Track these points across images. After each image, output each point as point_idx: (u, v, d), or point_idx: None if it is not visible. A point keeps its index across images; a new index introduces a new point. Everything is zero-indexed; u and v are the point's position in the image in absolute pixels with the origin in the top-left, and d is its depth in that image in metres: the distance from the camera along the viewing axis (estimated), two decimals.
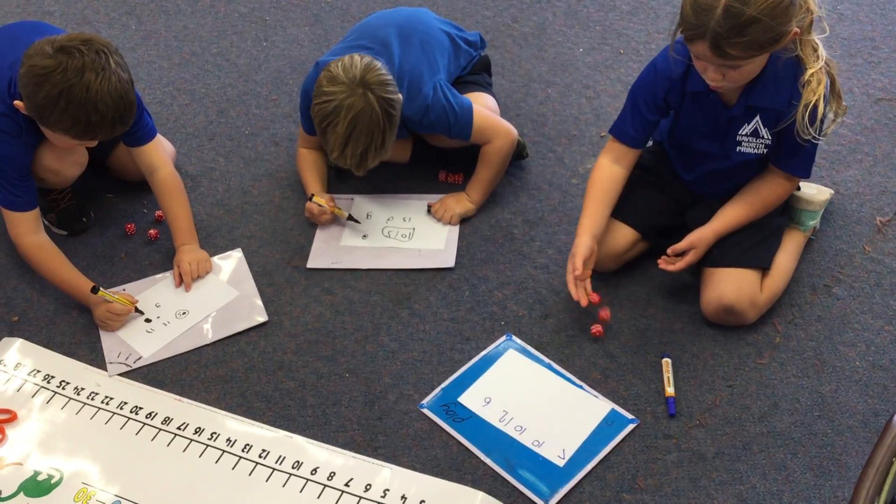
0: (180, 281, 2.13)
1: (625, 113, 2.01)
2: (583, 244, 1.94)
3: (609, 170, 2.02)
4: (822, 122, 1.84)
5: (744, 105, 1.87)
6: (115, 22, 3.05)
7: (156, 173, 2.19)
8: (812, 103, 1.79)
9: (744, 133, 1.91)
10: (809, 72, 1.78)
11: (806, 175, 1.96)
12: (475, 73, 2.42)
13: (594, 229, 1.97)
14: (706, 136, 1.98)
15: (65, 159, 2.09)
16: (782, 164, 1.94)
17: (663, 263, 1.96)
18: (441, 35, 2.30)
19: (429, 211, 2.28)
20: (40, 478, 1.76)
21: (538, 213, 2.29)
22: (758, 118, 1.88)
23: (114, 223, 2.32)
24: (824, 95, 1.80)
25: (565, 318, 2.02)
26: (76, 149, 2.08)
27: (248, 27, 3.01)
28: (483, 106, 2.30)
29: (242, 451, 1.79)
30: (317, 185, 2.29)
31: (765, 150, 1.91)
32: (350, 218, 2.26)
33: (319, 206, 2.22)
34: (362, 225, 2.27)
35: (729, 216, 1.98)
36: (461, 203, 2.27)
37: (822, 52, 1.79)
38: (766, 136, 1.89)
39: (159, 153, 2.21)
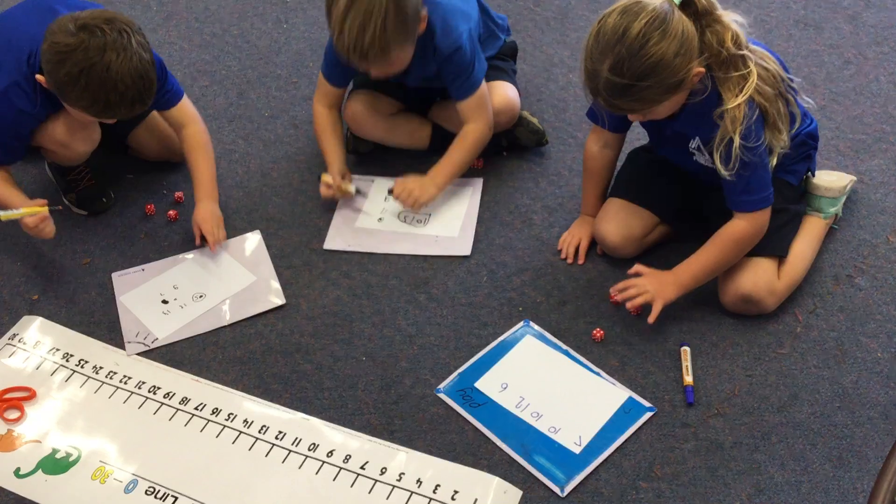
0: (201, 240, 2.14)
1: None
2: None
3: (596, 157, 2.11)
4: (739, 159, 1.74)
5: (671, 129, 1.87)
6: (137, 2, 3.05)
7: (184, 129, 2.19)
8: (727, 139, 1.73)
9: (693, 147, 1.89)
10: (722, 108, 1.72)
11: (751, 209, 1.84)
12: (502, 59, 2.41)
13: (592, 211, 2.15)
14: (662, 144, 2.00)
15: (76, 134, 2.09)
16: (729, 202, 1.86)
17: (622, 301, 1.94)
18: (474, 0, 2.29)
19: (390, 193, 2.25)
20: (59, 455, 1.77)
21: (558, 199, 2.28)
22: (697, 137, 1.86)
23: (133, 203, 2.32)
24: (746, 129, 1.72)
25: (584, 305, 2.01)
26: (88, 125, 2.09)
27: (268, 9, 3.01)
28: (504, 96, 2.29)
29: (259, 432, 1.80)
30: (334, 156, 2.27)
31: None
32: (358, 192, 2.26)
33: (328, 185, 2.23)
34: (376, 206, 2.26)
35: (693, 262, 1.90)
36: (425, 189, 2.21)
37: (750, 85, 1.70)
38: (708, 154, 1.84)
39: (188, 110, 2.20)
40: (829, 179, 2.08)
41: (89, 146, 2.16)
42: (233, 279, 2.11)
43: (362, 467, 1.73)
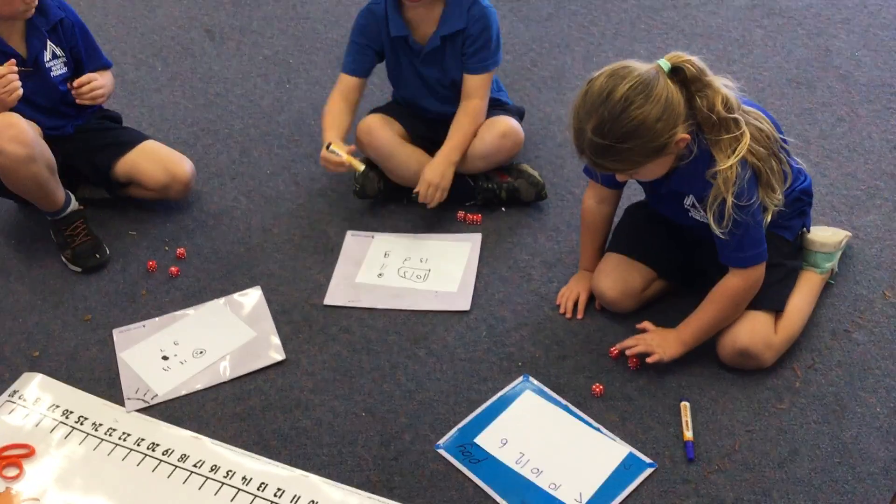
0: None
1: None
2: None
3: (593, 212, 2.14)
4: (732, 218, 1.76)
5: (666, 188, 1.90)
6: (142, 63, 3.11)
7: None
8: (720, 198, 1.76)
9: (688, 204, 1.92)
10: (714, 170, 1.75)
11: (744, 265, 1.85)
12: (511, 110, 2.50)
13: (590, 266, 2.16)
14: (659, 201, 2.03)
15: (3, 134, 2.11)
16: (722, 257, 1.87)
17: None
18: None
19: (414, 195, 2.31)
20: None
21: (556, 254, 2.30)
22: (691, 195, 1.89)
23: (135, 260, 2.34)
24: (739, 189, 1.75)
25: (583, 360, 2.02)
26: (14, 123, 2.12)
27: (271, 69, 3.07)
28: (508, 123, 2.40)
29: (258, 489, 1.79)
30: (335, 135, 2.31)
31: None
32: (368, 169, 2.32)
33: (336, 154, 2.25)
34: (376, 262, 2.28)
35: (693, 320, 1.94)
36: (443, 179, 2.30)
37: (743, 146, 1.73)
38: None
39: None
40: (825, 235, 2.11)
41: (20, 149, 2.13)
42: (233, 335, 2.12)
43: None
